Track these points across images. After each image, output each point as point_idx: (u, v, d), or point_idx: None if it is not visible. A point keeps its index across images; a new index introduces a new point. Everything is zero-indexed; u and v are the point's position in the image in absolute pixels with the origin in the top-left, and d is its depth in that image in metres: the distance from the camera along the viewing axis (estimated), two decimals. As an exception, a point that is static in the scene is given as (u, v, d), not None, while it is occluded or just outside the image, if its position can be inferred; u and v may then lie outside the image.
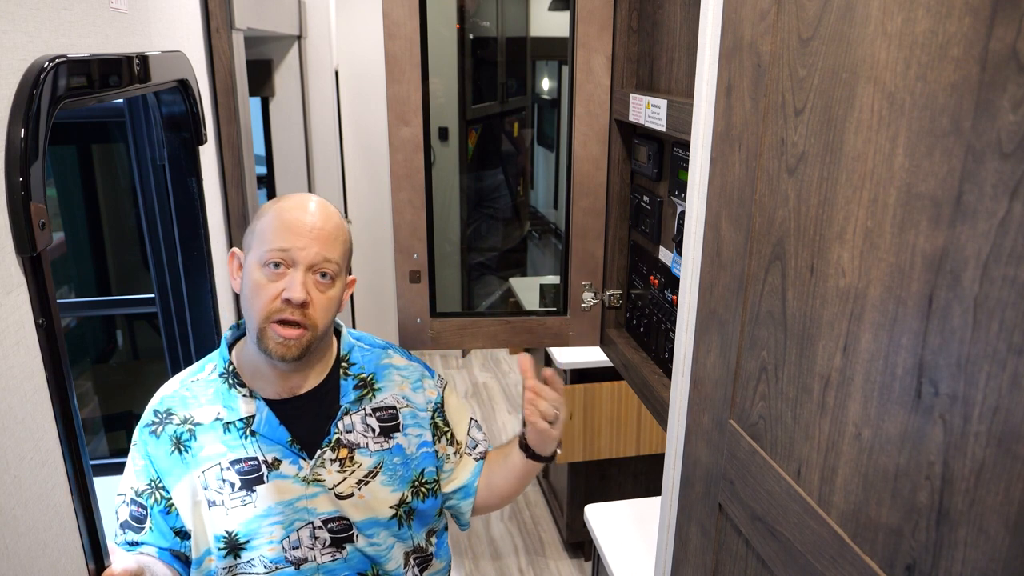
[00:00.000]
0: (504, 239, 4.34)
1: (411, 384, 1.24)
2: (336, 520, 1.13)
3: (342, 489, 1.13)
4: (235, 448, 1.10)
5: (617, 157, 1.65)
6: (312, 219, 1.08)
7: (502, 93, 4.20)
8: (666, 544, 1.16)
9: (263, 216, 1.10)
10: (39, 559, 0.78)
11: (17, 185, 0.75)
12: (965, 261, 0.52)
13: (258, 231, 1.09)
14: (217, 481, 1.09)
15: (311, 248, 1.06)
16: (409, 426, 1.21)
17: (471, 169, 4.15)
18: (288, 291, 1.05)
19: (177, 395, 1.14)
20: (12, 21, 0.77)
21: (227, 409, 1.12)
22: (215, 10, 1.54)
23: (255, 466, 1.10)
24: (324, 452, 1.12)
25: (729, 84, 0.89)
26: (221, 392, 1.13)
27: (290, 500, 1.10)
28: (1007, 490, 0.50)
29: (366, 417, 1.17)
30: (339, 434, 1.14)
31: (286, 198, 1.12)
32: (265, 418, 1.11)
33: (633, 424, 2.72)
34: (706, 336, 0.98)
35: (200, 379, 1.16)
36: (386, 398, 1.20)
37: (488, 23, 4.14)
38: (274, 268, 1.06)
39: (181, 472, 1.10)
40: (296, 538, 1.11)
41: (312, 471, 1.11)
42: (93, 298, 2.73)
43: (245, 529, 1.09)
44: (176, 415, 1.12)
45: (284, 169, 2.78)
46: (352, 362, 1.20)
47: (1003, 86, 0.48)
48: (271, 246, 1.06)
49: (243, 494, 1.09)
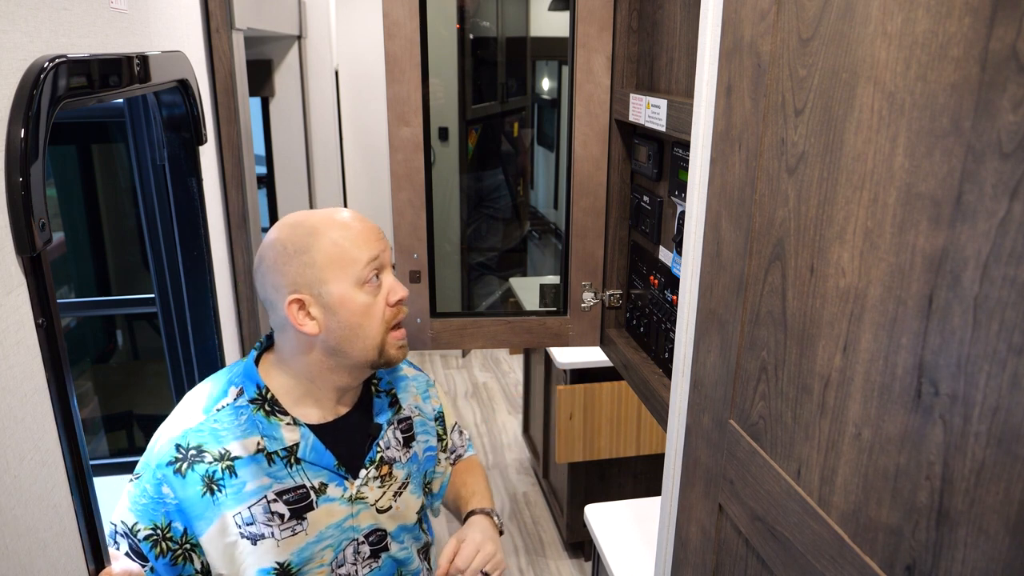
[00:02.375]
0: (504, 239, 4.35)
1: (421, 393, 1.26)
2: (374, 532, 1.13)
3: (383, 503, 1.13)
4: (282, 479, 1.05)
5: (617, 157, 1.65)
6: (365, 223, 1.07)
7: (502, 93, 4.20)
8: (666, 544, 1.16)
9: (314, 246, 1.01)
10: (39, 559, 0.78)
11: (17, 185, 0.75)
12: (965, 261, 0.52)
13: (327, 258, 1.01)
14: (265, 515, 1.03)
15: (383, 248, 1.07)
16: (420, 434, 1.23)
17: (471, 169, 4.15)
18: (394, 293, 1.06)
19: (205, 428, 1.04)
20: (12, 21, 0.77)
21: (268, 439, 1.05)
22: (215, 10, 1.55)
23: (304, 494, 1.06)
24: (369, 471, 1.12)
25: (729, 84, 0.89)
26: (257, 421, 1.05)
27: (339, 521, 1.09)
28: (1007, 490, 0.50)
29: (395, 431, 1.19)
30: (380, 452, 1.14)
31: (323, 217, 1.05)
32: (312, 444, 1.07)
33: (633, 424, 2.72)
34: (706, 336, 0.98)
35: (226, 405, 1.06)
36: (404, 409, 1.21)
37: (488, 23, 4.14)
38: (374, 281, 1.04)
39: (213, 514, 1.01)
40: (343, 557, 1.10)
41: (358, 490, 1.11)
42: (93, 298, 2.73)
43: (298, 558, 1.06)
44: (208, 452, 1.02)
45: (284, 169, 2.78)
46: (379, 378, 1.20)
47: (1003, 86, 0.48)
48: (363, 262, 1.02)
49: (294, 523, 1.05)
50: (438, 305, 1.82)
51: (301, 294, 1.01)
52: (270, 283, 1.04)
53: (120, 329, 2.93)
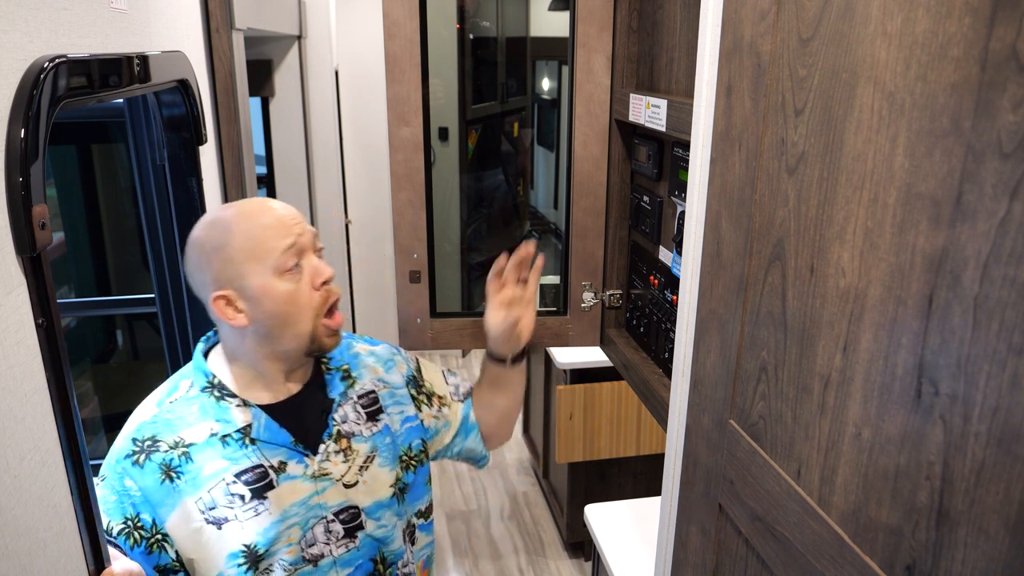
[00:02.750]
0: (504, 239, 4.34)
1: (383, 366, 1.27)
2: (346, 510, 1.13)
3: (349, 478, 1.14)
4: (238, 460, 1.07)
5: (617, 157, 1.65)
6: (284, 209, 1.08)
7: (502, 93, 4.20)
8: (666, 544, 1.16)
9: (229, 242, 1.03)
10: (39, 559, 0.78)
11: (17, 185, 0.75)
12: (965, 261, 0.52)
13: (243, 252, 1.03)
14: (226, 497, 1.05)
15: (301, 233, 1.07)
16: (390, 406, 1.23)
17: (471, 169, 4.15)
18: (317, 276, 1.07)
19: (159, 419, 1.07)
20: (12, 21, 0.77)
21: (221, 423, 1.08)
22: (215, 10, 1.54)
23: (262, 473, 1.08)
24: (328, 445, 1.13)
25: (729, 84, 0.89)
26: (209, 407, 1.08)
27: (303, 499, 1.10)
28: (1007, 490, 0.50)
29: (355, 405, 1.19)
30: (337, 425, 1.15)
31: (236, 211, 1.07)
32: (264, 423, 1.10)
33: (633, 424, 2.72)
34: (706, 336, 0.98)
35: (179, 398, 1.10)
36: (365, 384, 1.22)
37: (488, 23, 4.14)
38: (295, 268, 1.05)
39: (174, 501, 1.04)
40: (312, 535, 1.11)
41: (319, 465, 1.12)
42: (93, 298, 2.73)
43: (264, 538, 1.07)
44: (163, 441, 1.05)
45: (284, 169, 2.78)
46: (328, 357, 1.22)
47: (1003, 86, 0.48)
48: (279, 250, 1.04)
49: (255, 503, 1.07)
50: (438, 305, 1.82)
51: (224, 290, 1.04)
52: (197, 282, 1.08)
53: (120, 329, 2.93)
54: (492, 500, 3.41)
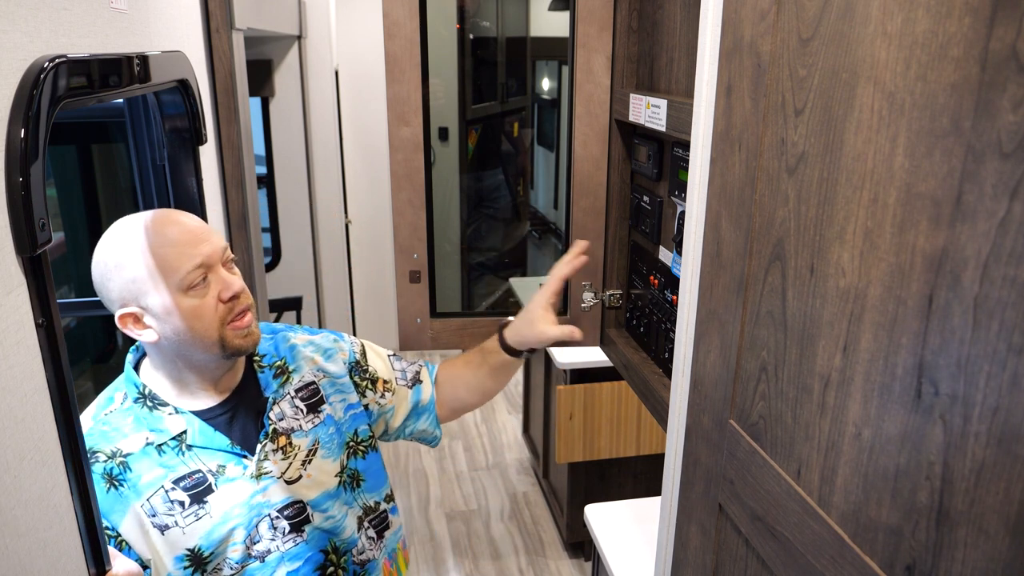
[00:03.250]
0: (504, 239, 4.35)
1: (322, 355, 1.26)
2: (291, 506, 1.14)
3: (290, 474, 1.15)
4: (175, 467, 1.08)
5: (617, 157, 1.65)
6: (187, 223, 1.06)
7: (502, 93, 4.20)
8: (666, 544, 1.16)
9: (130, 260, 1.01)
10: (39, 559, 0.78)
11: (17, 185, 0.75)
12: (965, 261, 0.52)
13: (146, 271, 1.01)
14: (165, 504, 1.06)
15: (214, 244, 1.05)
16: (331, 395, 1.24)
17: (471, 169, 4.15)
18: (225, 291, 1.05)
19: (95, 432, 1.08)
20: (12, 21, 0.77)
21: (155, 432, 1.08)
22: (215, 10, 1.55)
23: (201, 479, 1.09)
24: (265, 444, 1.14)
25: (729, 84, 0.89)
26: (143, 417, 1.09)
27: (245, 500, 1.11)
28: (1007, 490, 0.50)
29: (292, 400, 1.19)
30: (273, 424, 1.16)
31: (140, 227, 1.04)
32: (198, 429, 1.10)
33: (633, 424, 2.72)
34: (706, 336, 0.98)
35: (113, 411, 1.10)
36: (304, 376, 1.22)
37: (488, 23, 4.14)
38: (202, 283, 1.03)
39: (123, 507, 1.05)
40: (256, 534, 1.11)
41: (258, 466, 1.12)
42: (93, 298, 2.72)
43: (207, 541, 1.08)
44: (101, 452, 1.06)
45: (284, 169, 2.78)
46: (261, 354, 1.21)
47: (1003, 86, 0.48)
48: (184, 268, 1.01)
49: (195, 508, 1.07)
50: (438, 305, 1.83)
51: (129, 307, 1.03)
52: (104, 298, 1.06)
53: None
54: (492, 500, 3.41)
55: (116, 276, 1.02)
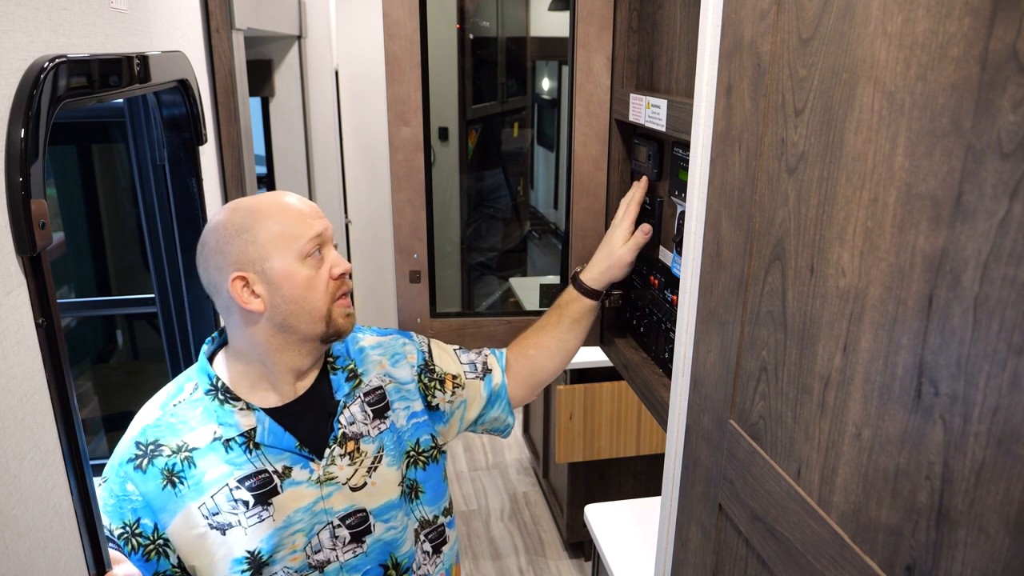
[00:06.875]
0: (504, 239, 4.35)
1: (390, 360, 1.25)
2: (353, 515, 1.12)
3: (355, 481, 1.12)
4: (241, 465, 1.06)
5: (617, 157, 1.65)
6: (305, 203, 1.10)
7: (502, 93, 4.20)
8: (666, 544, 1.16)
9: (256, 225, 1.04)
10: (39, 559, 0.78)
11: (17, 185, 0.75)
12: (965, 261, 0.52)
13: (270, 235, 1.03)
14: (229, 503, 1.04)
15: (325, 227, 1.09)
16: (396, 401, 1.22)
17: (471, 169, 4.15)
18: (337, 267, 1.08)
19: (162, 423, 1.07)
20: (12, 21, 0.77)
21: (224, 427, 1.06)
22: (215, 10, 1.54)
23: (266, 479, 1.06)
24: (333, 449, 1.12)
25: (729, 84, 0.89)
26: (212, 410, 1.07)
27: (308, 505, 1.08)
28: (1007, 490, 0.50)
29: (362, 404, 1.18)
30: (343, 428, 1.14)
31: (262, 198, 1.08)
32: (268, 428, 1.08)
33: (633, 424, 2.72)
34: (706, 336, 0.98)
35: (182, 401, 1.09)
36: (371, 380, 1.21)
37: (488, 23, 4.14)
38: (317, 255, 1.07)
39: (176, 507, 1.03)
40: (317, 542, 1.09)
41: (325, 470, 1.10)
42: (93, 298, 2.73)
43: (267, 545, 1.05)
44: (166, 445, 1.05)
45: (284, 169, 2.78)
46: (336, 355, 1.20)
47: (1003, 86, 0.48)
48: (305, 236, 1.05)
49: (259, 510, 1.05)
50: (438, 305, 1.82)
51: (244, 271, 1.04)
52: (213, 265, 1.06)
53: (120, 329, 2.93)
54: (492, 500, 3.41)
55: (237, 240, 1.04)
